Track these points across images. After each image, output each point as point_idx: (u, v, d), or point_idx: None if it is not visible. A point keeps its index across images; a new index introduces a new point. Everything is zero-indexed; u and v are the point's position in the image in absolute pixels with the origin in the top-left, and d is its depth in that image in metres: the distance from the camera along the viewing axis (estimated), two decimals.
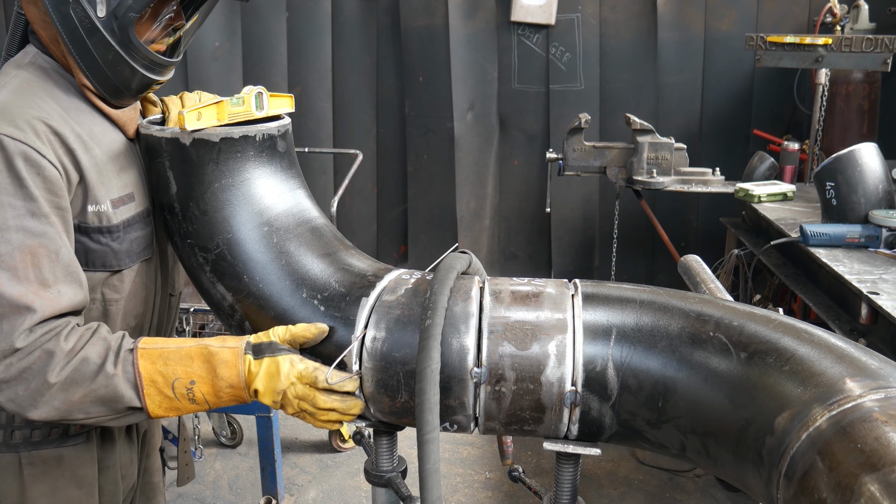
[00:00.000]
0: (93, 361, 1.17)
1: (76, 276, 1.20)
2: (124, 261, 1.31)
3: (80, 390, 1.17)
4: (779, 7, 4.44)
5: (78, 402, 1.17)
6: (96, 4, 1.20)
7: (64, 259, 1.18)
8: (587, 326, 1.10)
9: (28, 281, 1.14)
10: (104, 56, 1.23)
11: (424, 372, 1.03)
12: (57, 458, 1.35)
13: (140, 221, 1.34)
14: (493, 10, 4.63)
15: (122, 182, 1.30)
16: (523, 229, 5.00)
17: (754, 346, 0.99)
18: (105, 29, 1.21)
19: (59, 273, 1.17)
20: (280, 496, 3.06)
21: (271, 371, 1.17)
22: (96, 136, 1.28)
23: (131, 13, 1.20)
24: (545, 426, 1.13)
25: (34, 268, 1.14)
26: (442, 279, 1.14)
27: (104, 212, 1.26)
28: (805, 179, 3.91)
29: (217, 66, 4.63)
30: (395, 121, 4.93)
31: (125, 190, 1.31)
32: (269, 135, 1.28)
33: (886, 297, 2.13)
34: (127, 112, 1.36)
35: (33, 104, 1.22)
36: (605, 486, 3.27)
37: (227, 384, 1.18)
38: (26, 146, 1.15)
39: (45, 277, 1.15)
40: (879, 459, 0.76)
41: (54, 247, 1.17)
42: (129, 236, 1.31)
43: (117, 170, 1.30)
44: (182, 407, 1.20)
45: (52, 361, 1.15)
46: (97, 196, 1.25)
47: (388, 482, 1.29)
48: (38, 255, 1.15)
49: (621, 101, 4.59)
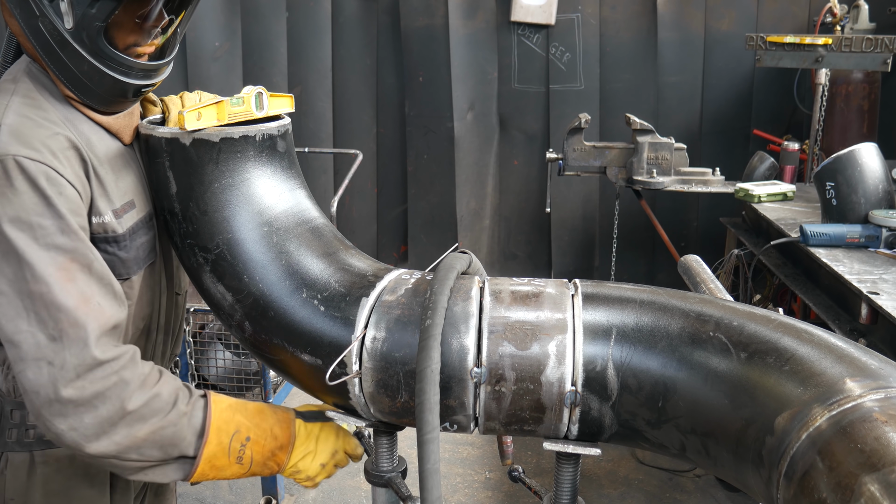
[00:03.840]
0: (165, 399, 1.17)
1: (111, 288, 1.20)
2: (132, 268, 1.31)
3: (148, 426, 1.15)
4: (779, 7, 4.44)
5: (141, 439, 1.16)
6: (63, 16, 1.16)
7: (97, 272, 1.17)
8: (587, 326, 1.10)
9: (73, 293, 1.13)
10: (79, 67, 1.20)
11: (424, 372, 1.03)
12: (70, 456, 1.35)
13: (143, 227, 1.33)
14: (493, 10, 4.63)
15: (121, 190, 1.29)
16: (523, 229, 5.00)
17: (754, 346, 1.00)
18: (75, 40, 1.18)
19: (94, 286, 1.16)
20: (280, 496, 3.06)
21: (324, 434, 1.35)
22: (93, 146, 1.27)
23: (96, 23, 1.17)
24: (545, 426, 1.13)
25: (72, 282, 1.14)
26: (442, 279, 1.14)
27: (108, 222, 1.25)
28: (805, 179, 3.91)
29: (217, 66, 4.63)
30: (395, 121, 4.93)
31: (125, 198, 1.30)
32: (269, 135, 1.28)
33: (886, 297, 2.13)
34: (121, 118, 1.33)
35: (43, 120, 1.21)
36: (605, 486, 3.27)
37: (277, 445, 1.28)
38: (46, 167, 1.15)
39: (83, 291, 1.14)
40: (879, 459, 0.76)
41: (86, 261, 1.16)
42: (135, 243, 1.31)
43: (115, 178, 1.29)
44: (224, 466, 1.23)
45: (128, 388, 1.14)
46: (99, 208, 1.24)
47: (388, 482, 1.29)
48: (72, 270, 1.14)
49: (621, 101, 4.59)
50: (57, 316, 1.11)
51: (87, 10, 1.15)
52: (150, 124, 1.29)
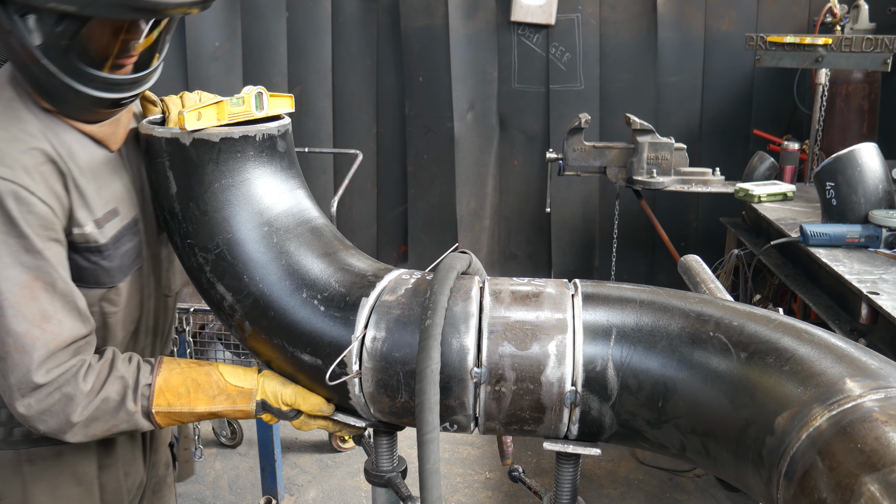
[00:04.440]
0: (113, 399, 1.24)
1: (74, 305, 1.22)
2: (117, 276, 1.32)
3: (102, 424, 1.25)
4: (779, 7, 4.44)
5: (102, 433, 1.26)
6: (32, 33, 1.13)
7: (60, 290, 1.20)
8: (587, 326, 1.10)
9: (30, 315, 1.17)
10: (51, 83, 1.18)
11: (424, 372, 1.03)
12: (56, 454, 1.36)
13: (128, 233, 1.33)
14: (493, 10, 4.63)
15: (103, 199, 1.29)
16: (523, 229, 5.00)
17: (754, 346, 0.99)
18: (45, 57, 1.15)
19: (57, 304, 1.20)
20: (280, 496, 3.06)
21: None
22: (75, 155, 1.25)
23: (63, 41, 1.14)
24: (545, 426, 1.13)
25: (33, 301, 1.17)
26: (442, 279, 1.14)
27: (89, 233, 1.26)
28: (805, 179, 3.91)
29: (217, 66, 4.63)
30: (395, 121, 4.93)
31: (108, 206, 1.29)
32: (269, 135, 1.28)
33: (886, 297, 2.13)
34: (106, 126, 1.31)
35: (20, 133, 1.20)
36: (605, 486, 3.27)
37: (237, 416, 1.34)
38: (16, 185, 1.15)
39: (45, 310, 1.18)
40: (879, 459, 0.76)
41: (49, 279, 1.19)
42: (120, 251, 1.31)
43: (97, 188, 1.28)
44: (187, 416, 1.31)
45: (72, 403, 1.21)
46: (79, 219, 1.24)
47: (388, 482, 1.29)
48: (34, 288, 1.17)
49: (621, 101, 4.59)
50: (5, 339, 1.17)
51: (54, 28, 1.12)
52: (150, 124, 1.28)
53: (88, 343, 1.26)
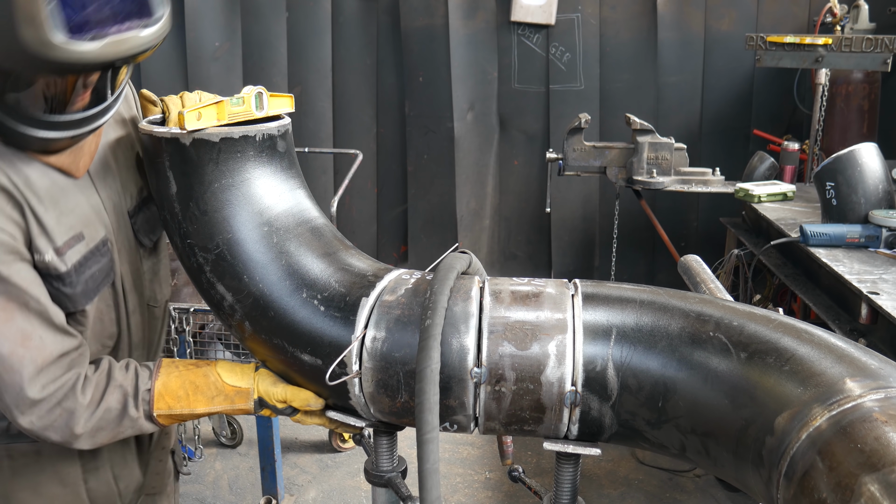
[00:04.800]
0: (114, 409, 1.27)
1: (51, 322, 1.23)
2: (80, 301, 1.29)
3: (106, 433, 1.28)
4: (779, 7, 4.44)
5: (108, 440, 1.30)
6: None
7: (34, 309, 1.20)
8: (587, 326, 1.10)
9: (11, 336, 1.18)
10: (2, 127, 1.16)
11: (424, 372, 1.03)
12: (35, 452, 1.37)
13: (94, 256, 1.31)
14: (493, 10, 4.63)
15: (65, 226, 1.26)
16: (523, 229, 5.00)
17: (754, 346, 0.99)
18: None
19: (34, 322, 1.20)
20: (280, 496, 3.06)
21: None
22: (32, 183, 1.22)
23: (11, 93, 1.11)
24: (545, 426, 1.13)
25: (11, 322, 1.18)
26: (442, 279, 1.14)
27: (49, 261, 1.23)
28: (805, 179, 3.91)
29: (217, 66, 4.63)
30: (395, 121, 4.93)
31: (71, 232, 1.26)
32: (269, 135, 1.28)
33: (886, 297, 2.13)
34: (66, 156, 1.26)
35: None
36: (605, 486, 3.27)
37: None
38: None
39: (23, 329, 1.19)
40: (879, 459, 0.76)
41: (22, 301, 1.19)
42: (84, 276, 1.29)
43: (58, 215, 1.25)
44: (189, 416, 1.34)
45: (74, 417, 1.24)
46: (39, 247, 1.22)
47: (388, 482, 1.29)
48: (8, 310, 1.18)
49: (621, 101, 4.59)
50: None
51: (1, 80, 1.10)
52: (150, 124, 1.28)
53: (81, 355, 1.27)
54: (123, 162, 1.41)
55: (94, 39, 1.06)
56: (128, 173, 1.42)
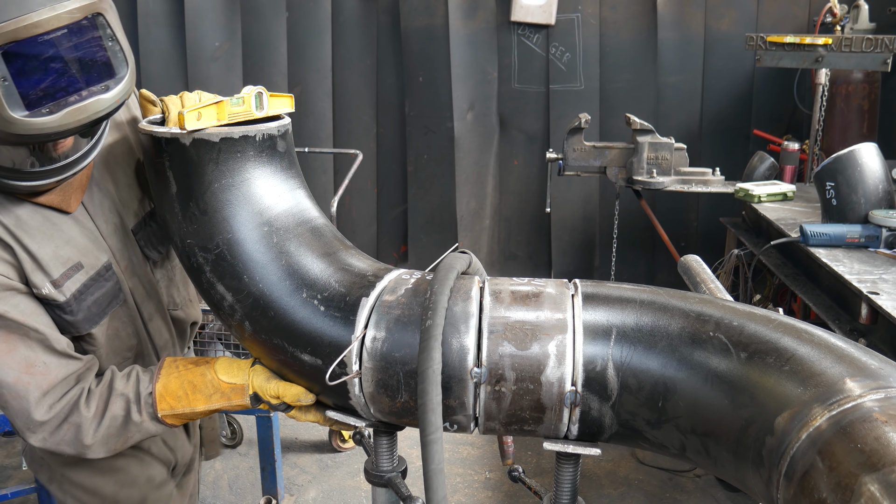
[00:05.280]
0: (119, 416, 1.32)
1: (53, 349, 1.27)
2: (83, 327, 1.34)
3: (118, 440, 1.33)
4: (779, 7, 4.44)
5: (120, 446, 1.35)
6: None
7: (35, 338, 1.25)
8: (587, 326, 1.10)
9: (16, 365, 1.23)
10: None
11: (426, 373, 1.03)
12: None
13: (96, 282, 1.35)
14: (493, 10, 4.63)
15: (61, 259, 1.30)
16: (523, 229, 5.00)
17: (754, 346, 0.99)
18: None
19: (37, 350, 1.25)
20: (280, 496, 3.06)
21: None
22: (23, 223, 1.26)
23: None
24: (545, 426, 1.12)
25: (14, 352, 1.23)
26: (442, 279, 1.14)
27: (47, 294, 1.28)
28: (805, 179, 3.91)
29: (217, 66, 4.63)
30: (395, 121, 4.93)
31: (68, 264, 1.31)
32: (269, 135, 1.28)
33: (886, 297, 2.13)
34: (54, 195, 1.30)
35: None
36: (605, 486, 3.27)
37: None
38: None
39: (27, 357, 1.24)
40: (879, 459, 0.76)
41: (22, 332, 1.24)
42: (85, 304, 1.33)
43: (54, 248, 1.29)
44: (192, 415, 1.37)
45: (81, 430, 1.29)
46: (35, 282, 1.27)
47: (388, 482, 1.29)
48: (10, 341, 1.23)
49: (621, 101, 4.59)
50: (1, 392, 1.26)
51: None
52: (150, 124, 1.28)
53: (89, 370, 1.32)
54: (123, 178, 1.44)
55: (52, 112, 1.08)
56: (128, 190, 1.45)
